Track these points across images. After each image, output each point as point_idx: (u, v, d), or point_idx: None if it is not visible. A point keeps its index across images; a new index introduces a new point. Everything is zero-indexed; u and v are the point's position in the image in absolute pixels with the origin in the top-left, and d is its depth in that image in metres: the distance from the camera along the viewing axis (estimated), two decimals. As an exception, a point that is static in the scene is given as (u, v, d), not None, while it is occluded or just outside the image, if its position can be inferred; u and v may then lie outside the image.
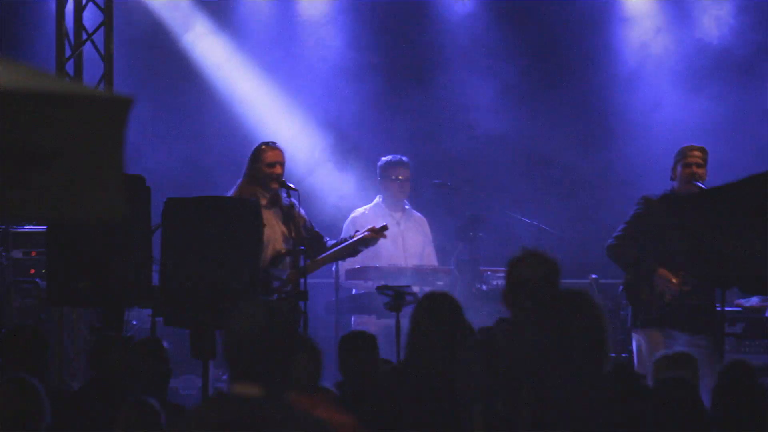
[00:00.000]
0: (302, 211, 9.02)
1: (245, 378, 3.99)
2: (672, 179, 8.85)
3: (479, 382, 5.25)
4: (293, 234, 8.76)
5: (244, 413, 3.91)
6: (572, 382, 4.83)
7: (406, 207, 10.26)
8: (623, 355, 9.22)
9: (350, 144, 11.76)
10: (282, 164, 8.86)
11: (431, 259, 10.20)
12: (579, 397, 4.82)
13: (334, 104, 11.85)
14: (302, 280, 8.66)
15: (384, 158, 10.22)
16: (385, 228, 9.03)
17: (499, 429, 5.04)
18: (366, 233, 9.02)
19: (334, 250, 8.94)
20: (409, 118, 11.89)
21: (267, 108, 11.77)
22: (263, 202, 8.75)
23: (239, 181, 8.89)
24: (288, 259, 8.71)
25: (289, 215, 8.81)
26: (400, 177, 10.12)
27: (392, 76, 11.94)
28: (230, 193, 8.82)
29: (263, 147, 8.92)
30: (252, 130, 11.27)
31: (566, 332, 4.91)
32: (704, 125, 11.53)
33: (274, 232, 8.76)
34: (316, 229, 9.13)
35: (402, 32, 12.05)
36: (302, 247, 8.67)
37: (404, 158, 10.18)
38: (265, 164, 8.84)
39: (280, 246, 8.76)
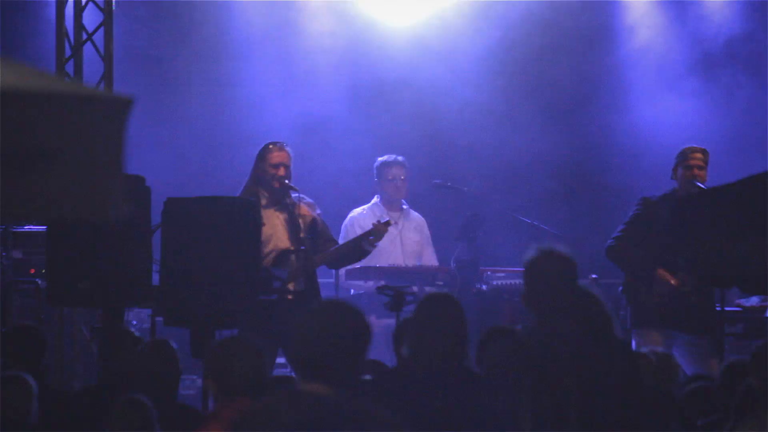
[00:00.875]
0: (318, 211, 8.98)
1: (315, 378, 3.99)
2: (672, 179, 8.85)
3: (517, 385, 5.24)
4: (298, 233, 8.75)
5: (319, 412, 3.90)
6: (607, 375, 4.84)
7: (404, 207, 10.26)
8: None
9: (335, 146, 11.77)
10: (287, 166, 8.82)
11: (430, 259, 10.21)
12: (615, 390, 4.83)
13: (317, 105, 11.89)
14: (302, 280, 8.68)
15: (380, 158, 10.21)
16: (388, 223, 8.99)
17: (547, 428, 5.03)
18: (370, 228, 8.95)
19: (336, 247, 8.92)
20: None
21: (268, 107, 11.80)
22: (263, 201, 8.74)
23: (247, 179, 8.90)
24: (294, 258, 8.70)
25: (292, 214, 8.80)
26: (395, 177, 10.11)
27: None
28: (239, 192, 8.83)
29: (269, 147, 8.89)
30: (252, 130, 11.27)
31: (585, 327, 4.93)
32: (697, 122, 11.56)
33: (276, 231, 8.75)
34: (329, 233, 9.03)
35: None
36: (303, 247, 8.68)
37: (400, 158, 10.17)
38: (269, 164, 8.82)
39: (284, 245, 8.74)
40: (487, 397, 5.36)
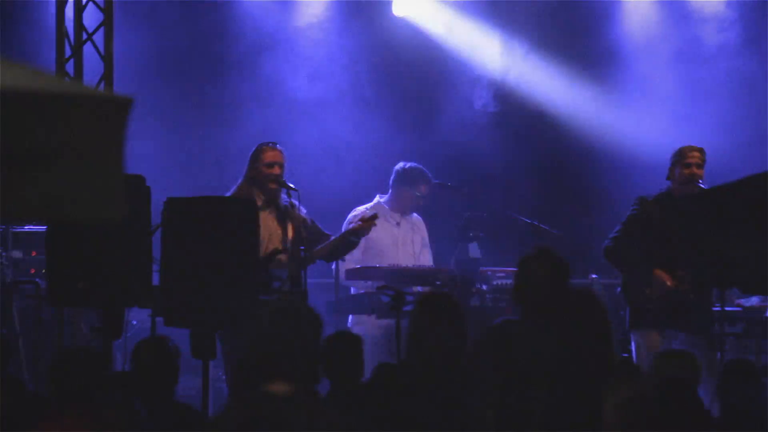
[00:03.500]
0: (303, 211, 9.00)
1: (275, 377, 4.02)
2: (668, 179, 8.84)
3: (489, 379, 5.25)
4: (291, 234, 8.76)
5: (275, 411, 3.93)
6: (583, 379, 4.83)
7: (407, 209, 10.25)
8: (623, 354, 9.23)
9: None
10: (281, 165, 8.85)
11: (426, 260, 10.19)
12: (589, 394, 4.83)
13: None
14: (303, 280, 8.68)
15: (410, 166, 10.10)
16: (375, 217, 9.03)
17: (511, 426, 5.04)
18: (357, 224, 9.01)
19: (327, 243, 8.94)
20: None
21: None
22: (258, 202, 8.75)
23: (239, 181, 8.90)
24: (284, 258, 8.70)
25: (287, 216, 8.80)
26: (424, 193, 10.06)
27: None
28: (229, 193, 8.83)
29: (263, 147, 8.93)
30: (252, 130, 11.27)
31: (575, 330, 4.93)
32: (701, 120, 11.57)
33: (270, 233, 8.76)
34: (319, 228, 9.07)
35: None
36: (302, 247, 8.68)
37: (430, 174, 10.10)
38: (263, 164, 8.84)
39: (277, 246, 8.75)
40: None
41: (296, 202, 8.91)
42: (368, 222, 8.95)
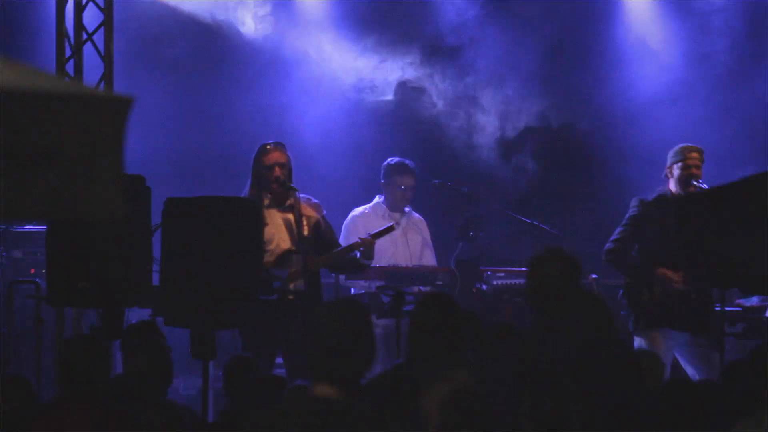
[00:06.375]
0: (324, 213, 9.01)
1: (326, 380, 4.02)
2: (666, 177, 8.81)
3: (512, 380, 5.25)
4: (301, 234, 8.77)
5: (326, 415, 3.93)
6: (607, 376, 4.84)
7: (407, 209, 10.23)
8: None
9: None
10: (282, 165, 8.84)
11: (429, 260, 10.19)
12: (620, 394, 4.83)
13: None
14: (303, 280, 8.70)
15: (391, 161, 10.12)
16: (392, 228, 9.04)
17: (549, 427, 5.03)
18: (359, 240, 9.01)
19: (333, 252, 8.93)
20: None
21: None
22: (266, 201, 8.77)
23: (249, 181, 8.95)
24: (295, 258, 8.72)
25: (295, 214, 8.82)
26: (404, 185, 10.05)
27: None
28: (243, 193, 8.87)
29: (265, 148, 8.93)
30: (254, 129, 11.27)
31: (586, 329, 4.93)
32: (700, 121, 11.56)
33: (278, 231, 8.78)
34: (333, 237, 9.09)
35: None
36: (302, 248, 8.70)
37: (410, 164, 10.08)
38: (263, 166, 8.85)
39: (286, 245, 8.77)
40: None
41: (316, 201, 8.95)
42: (371, 240, 8.93)
